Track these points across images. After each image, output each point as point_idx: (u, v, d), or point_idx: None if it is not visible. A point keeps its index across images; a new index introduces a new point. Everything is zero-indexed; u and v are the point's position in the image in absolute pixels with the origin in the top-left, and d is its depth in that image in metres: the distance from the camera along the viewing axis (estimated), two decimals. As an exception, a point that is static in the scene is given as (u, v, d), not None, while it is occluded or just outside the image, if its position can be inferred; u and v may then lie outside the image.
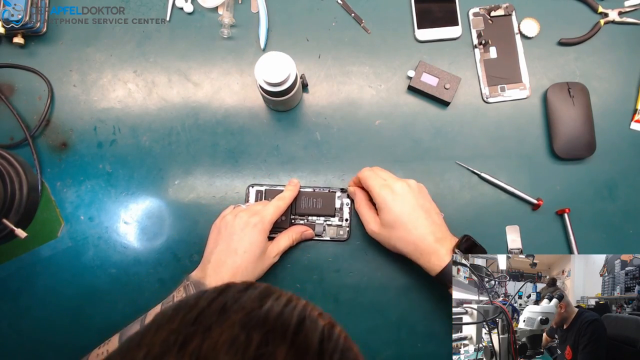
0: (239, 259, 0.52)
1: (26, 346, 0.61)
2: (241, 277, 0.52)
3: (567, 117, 0.63)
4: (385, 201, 0.53)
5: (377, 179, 0.55)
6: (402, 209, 0.52)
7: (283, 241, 0.58)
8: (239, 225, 0.54)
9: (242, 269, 0.52)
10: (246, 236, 0.53)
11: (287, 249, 0.58)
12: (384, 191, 0.53)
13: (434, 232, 0.52)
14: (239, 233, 0.53)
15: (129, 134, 0.65)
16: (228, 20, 0.65)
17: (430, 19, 0.66)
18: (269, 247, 0.56)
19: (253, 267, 0.53)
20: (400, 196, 0.53)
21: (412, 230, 0.52)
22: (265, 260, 0.55)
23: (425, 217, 0.53)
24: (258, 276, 0.55)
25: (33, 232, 0.61)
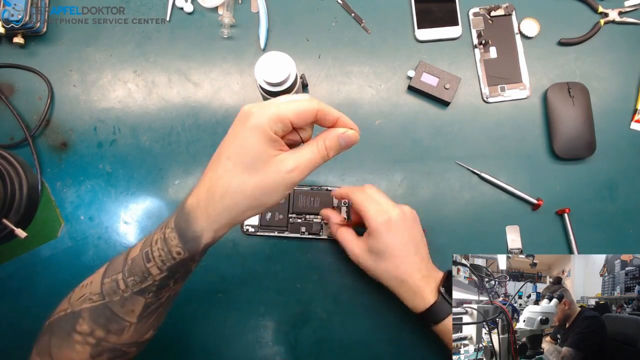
0: (221, 169, 0.37)
1: (26, 346, 0.61)
2: (226, 197, 0.37)
3: (567, 117, 0.63)
4: (379, 230, 0.50)
5: (373, 202, 0.52)
6: (394, 240, 0.50)
7: (307, 150, 0.38)
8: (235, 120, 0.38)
9: (224, 182, 0.37)
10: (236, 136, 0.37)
11: (316, 165, 0.39)
12: (380, 218, 0.50)
13: (421, 270, 0.51)
14: (230, 132, 0.38)
15: (129, 134, 0.65)
16: (228, 20, 0.65)
17: (430, 19, 0.66)
18: (281, 156, 0.37)
19: (243, 179, 0.36)
20: (396, 226, 0.50)
21: (400, 265, 0.50)
22: (271, 172, 0.36)
23: (414, 252, 0.51)
24: (259, 197, 0.37)
25: (33, 232, 0.61)
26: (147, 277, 0.39)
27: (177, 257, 0.39)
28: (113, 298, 0.40)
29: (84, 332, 0.41)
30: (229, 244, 0.63)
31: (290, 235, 0.62)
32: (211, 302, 0.61)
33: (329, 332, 0.61)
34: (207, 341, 0.61)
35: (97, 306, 0.41)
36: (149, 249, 0.40)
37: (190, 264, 0.40)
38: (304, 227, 0.62)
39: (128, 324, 0.41)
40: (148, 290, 0.40)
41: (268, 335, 0.61)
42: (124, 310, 0.41)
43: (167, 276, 0.40)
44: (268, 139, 0.36)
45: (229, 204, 0.37)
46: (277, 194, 0.37)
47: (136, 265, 0.40)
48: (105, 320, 0.41)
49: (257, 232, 0.62)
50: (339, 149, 0.39)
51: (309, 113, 0.37)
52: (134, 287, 0.40)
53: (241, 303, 0.61)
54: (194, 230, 0.38)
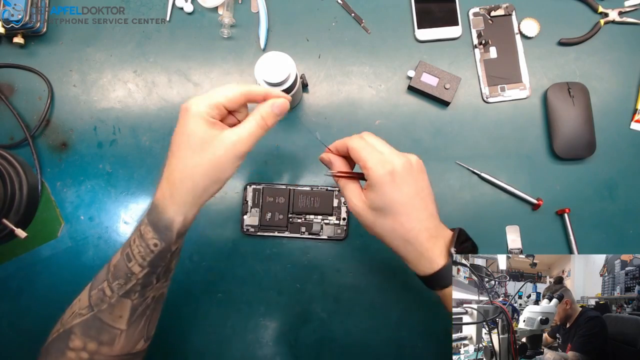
0: (174, 160, 0.41)
1: (26, 346, 0.61)
2: (185, 181, 0.41)
3: (567, 117, 0.63)
4: (381, 181, 0.43)
5: (374, 151, 0.44)
6: (398, 194, 0.43)
7: (246, 122, 0.43)
8: (179, 117, 0.42)
9: (180, 168, 0.41)
10: (181, 128, 0.41)
11: (257, 135, 0.43)
12: (382, 168, 0.43)
13: (429, 228, 0.44)
14: (176, 128, 0.42)
15: (129, 134, 0.65)
16: (228, 20, 0.65)
17: (430, 19, 0.66)
18: (224, 132, 0.41)
19: (195, 160, 0.40)
20: (401, 178, 0.43)
21: (405, 222, 0.43)
22: (218, 148, 0.40)
23: (422, 207, 0.44)
24: (214, 173, 0.41)
25: (33, 232, 0.61)
26: (131, 277, 0.42)
27: (154, 249, 0.42)
28: (101, 307, 0.43)
29: (77, 347, 0.43)
30: (229, 244, 0.63)
31: (290, 235, 0.62)
32: (211, 302, 0.61)
33: (329, 332, 0.61)
34: (207, 341, 0.61)
35: (86, 319, 0.43)
36: (128, 250, 0.43)
37: (168, 255, 0.43)
38: (304, 227, 0.62)
39: (118, 331, 0.43)
40: (133, 291, 0.43)
41: (268, 335, 0.61)
42: (112, 317, 0.43)
43: (149, 272, 0.42)
44: (208, 122, 0.41)
45: (189, 186, 0.41)
46: (229, 166, 0.42)
47: (119, 268, 0.43)
48: (96, 331, 0.43)
49: (257, 232, 0.62)
50: (274, 116, 0.44)
51: (236, 95, 0.42)
52: (120, 290, 0.42)
53: (241, 303, 0.61)
54: (165, 219, 0.41)
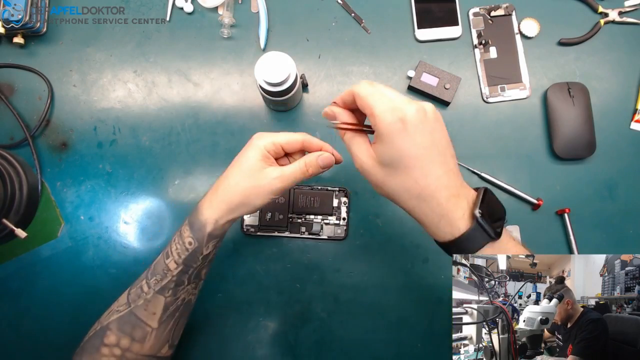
0: (225, 174, 0.47)
1: (26, 346, 0.61)
2: (225, 192, 0.46)
3: (567, 117, 0.63)
4: (390, 130, 0.37)
5: (383, 97, 0.39)
6: (412, 145, 0.37)
7: (291, 165, 0.47)
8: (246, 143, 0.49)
9: (225, 182, 0.47)
10: (242, 152, 0.48)
11: (296, 177, 0.47)
12: (392, 115, 0.37)
13: (448, 186, 0.39)
14: (240, 151, 0.48)
15: (129, 134, 0.65)
16: (228, 20, 0.65)
17: (430, 19, 0.66)
18: (270, 168, 0.47)
19: (238, 180, 0.46)
20: (413, 127, 0.37)
21: (420, 178, 0.38)
22: (260, 178, 0.46)
23: (440, 161, 0.38)
24: (250, 195, 0.46)
25: (33, 232, 0.61)
26: (167, 274, 0.47)
27: (189, 247, 0.46)
28: (138, 302, 0.47)
29: (111, 343, 0.47)
30: (229, 244, 0.63)
31: (290, 235, 0.62)
32: (211, 302, 0.61)
33: (329, 332, 0.61)
34: (207, 341, 0.61)
35: (123, 315, 0.47)
36: (168, 248, 0.48)
37: (199, 257, 0.47)
38: (304, 227, 0.62)
39: (150, 329, 0.47)
40: (167, 288, 0.47)
41: (268, 335, 0.61)
42: (147, 313, 0.47)
43: (183, 270, 0.47)
44: (263, 155, 0.46)
45: (224, 197, 0.46)
46: (263, 196, 0.46)
47: (157, 265, 0.48)
48: (130, 327, 0.47)
49: (257, 232, 0.62)
50: (317, 167, 0.47)
51: (296, 141, 0.48)
52: (156, 286, 0.47)
53: (241, 303, 0.61)
54: (200, 220, 0.46)
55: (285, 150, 0.48)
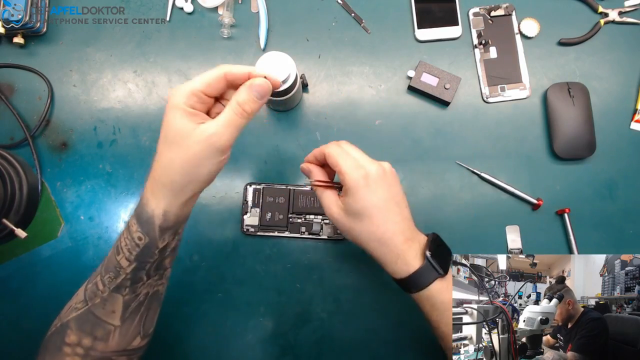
0: (157, 155, 0.40)
1: (26, 346, 0.61)
2: (163, 175, 0.39)
3: (567, 117, 0.63)
4: (356, 187, 0.44)
5: (348, 157, 0.45)
6: (373, 199, 0.44)
7: (223, 112, 0.39)
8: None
9: (158, 163, 0.39)
10: (163, 120, 0.39)
11: (236, 124, 0.39)
12: (356, 174, 0.44)
13: (404, 231, 0.45)
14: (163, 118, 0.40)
15: (129, 134, 0.65)
16: (228, 20, 0.65)
17: (430, 19, 0.66)
18: (201, 126, 0.38)
19: (171, 155, 0.38)
20: (374, 182, 0.44)
21: (381, 225, 0.44)
22: (193, 142, 0.38)
23: (397, 211, 0.45)
24: (191, 169, 0.38)
25: (33, 232, 0.61)
26: (120, 271, 0.42)
27: (139, 242, 0.41)
28: (95, 301, 0.43)
29: (73, 342, 0.43)
30: (229, 244, 0.63)
31: (290, 235, 0.62)
32: (211, 302, 0.61)
33: (329, 332, 0.61)
34: (207, 341, 0.61)
35: (81, 313, 0.44)
36: (118, 242, 0.43)
37: (155, 251, 0.42)
38: (304, 227, 0.62)
39: (112, 327, 0.44)
40: (123, 286, 0.42)
41: (268, 335, 0.61)
42: (105, 311, 0.43)
43: (137, 267, 0.42)
44: (186, 114, 0.38)
45: (166, 181, 0.39)
46: (206, 162, 0.39)
47: (110, 261, 0.43)
48: (90, 326, 0.43)
49: (257, 232, 0.62)
50: (254, 102, 0.40)
51: (216, 78, 0.39)
52: (111, 285, 0.42)
53: (241, 303, 0.61)
54: (146, 212, 0.40)
55: (210, 95, 0.40)
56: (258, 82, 0.40)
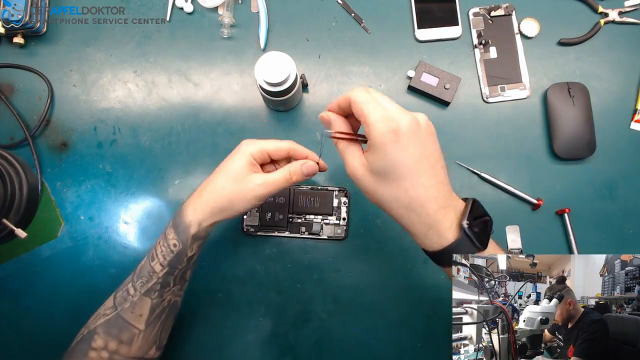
0: (211, 178, 0.49)
1: (26, 346, 0.61)
2: (210, 195, 0.48)
3: (567, 117, 0.63)
4: (383, 140, 0.38)
5: (377, 106, 0.40)
6: (403, 156, 0.38)
7: (275, 172, 0.49)
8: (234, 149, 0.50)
9: (211, 185, 0.48)
10: (228, 158, 0.49)
11: (280, 185, 0.48)
12: (385, 125, 0.38)
13: (437, 197, 0.39)
14: (227, 156, 0.50)
15: (129, 134, 0.65)
16: (228, 20, 0.65)
17: (430, 19, 0.66)
18: (255, 174, 0.48)
19: (224, 184, 0.47)
20: (406, 137, 0.38)
21: (410, 189, 0.39)
22: (245, 183, 0.47)
23: (431, 173, 0.39)
24: (234, 200, 0.47)
25: (33, 232, 0.61)
26: (152, 276, 0.47)
27: (174, 249, 0.47)
28: (124, 305, 0.48)
29: (99, 347, 0.47)
30: (229, 244, 0.63)
31: (290, 235, 0.62)
32: (211, 302, 0.61)
33: (329, 332, 0.61)
34: (207, 341, 0.61)
35: (110, 319, 0.48)
36: (153, 251, 0.48)
37: (184, 258, 0.48)
38: (304, 227, 0.62)
39: (137, 331, 0.48)
40: (153, 290, 0.48)
41: (268, 335, 0.61)
42: (133, 315, 0.48)
43: (168, 272, 0.48)
44: (249, 162, 0.48)
45: (209, 200, 0.47)
46: (247, 201, 0.47)
47: (143, 268, 0.49)
48: (117, 330, 0.47)
49: (257, 232, 0.62)
50: (301, 174, 0.49)
51: (282, 149, 0.49)
52: (142, 289, 0.48)
53: (241, 303, 0.61)
54: (184, 222, 0.47)
55: (271, 157, 0.50)
56: (310, 164, 0.49)
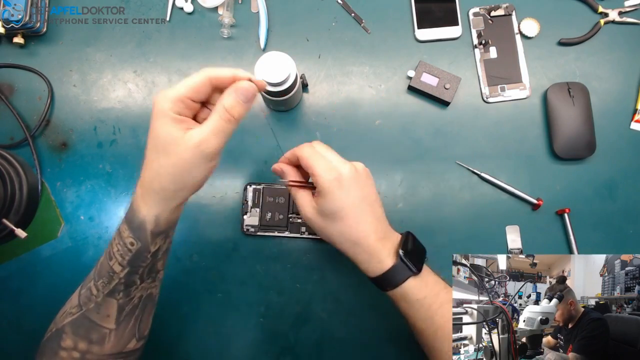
0: (146, 161, 0.40)
1: (26, 346, 0.61)
2: (153, 181, 0.39)
3: (567, 117, 0.63)
4: (329, 188, 0.44)
5: (321, 159, 0.46)
6: (346, 200, 0.45)
7: (209, 119, 0.38)
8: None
9: (148, 170, 0.39)
10: (150, 127, 0.39)
11: (224, 130, 0.38)
12: (329, 176, 0.45)
13: (376, 231, 0.46)
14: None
15: (129, 134, 0.65)
16: (228, 20, 0.65)
17: (430, 19, 0.66)
18: (188, 133, 0.38)
19: (160, 162, 0.38)
20: (347, 183, 0.45)
21: (354, 226, 0.45)
22: (183, 150, 0.37)
23: (369, 211, 0.46)
24: (181, 176, 0.39)
25: (33, 232, 0.61)
26: (113, 276, 0.42)
27: (131, 248, 0.41)
28: (89, 306, 0.43)
29: (68, 347, 0.44)
30: (229, 244, 0.63)
31: (290, 235, 0.62)
32: (211, 302, 0.61)
33: (329, 332, 0.61)
34: (207, 341, 0.61)
35: (76, 318, 0.44)
36: (109, 248, 0.43)
37: (147, 255, 0.42)
38: (304, 227, 0.62)
39: (107, 330, 0.44)
40: (117, 290, 0.43)
41: (268, 335, 0.61)
42: (100, 316, 0.43)
43: (130, 271, 0.42)
44: (172, 120, 0.38)
45: (156, 188, 0.39)
46: (196, 169, 0.39)
47: (102, 266, 0.43)
48: (85, 330, 0.43)
49: (257, 232, 0.62)
50: (241, 106, 0.39)
51: (200, 83, 0.39)
52: (104, 289, 0.43)
53: (241, 303, 0.61)
54: (138, 217, 0.40)
55: (196, 100, 0.40)
56: (243, 84, 0.39)
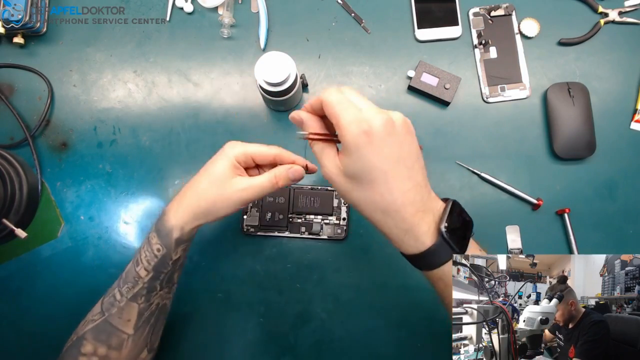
0: (193, 181, 0.48)
1: (26, 346, 0.61)
2: (192, 199, 0.47)
3: (567, 117, 0.63)
4: (356, 143, 0.36)
5: (350, 107, 0.37)
6: (377, 159, 0.36)
7: (260, 177, 0.47)
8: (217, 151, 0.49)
9: (193, 189, 0.48)
10: (211, 161, 0.48)
11: (265, 190, 0.47)
12: (357, 127, 0.36)
13: (414, 202, 0.37)
14: (210, 159, 0.49)
15: (129, 134, 0.65)
16: (228, 20, 0.65)
17: (430, 19, 0.66)
18: (239, 178, 0.47)
19: (206, 187, 0.47)
20: (380, 139, 0.36)
21: (385, 193, 0.37)
22: (228, 187, 0.46)
23: (407, 176, 0.37)
24: (217, 203, 0.47)
25: (33, 232, 0.61)
26: (138, 281, 0.47)
27: (158, 254, 0.47)
28: (112, 311, 0.48)
29: (88, 352, 0.47)
30: (229, 244, 0.63)
31: (290, 235, 0.62)
32: (211, 302, 0.61)
33: (329, 332, 0.61)
34: (207, 341, 0.61)
35: (98, 324, 0.48)
36: (138, 256, 0.48)
37: (169, 262, 0.48)
38: (304, 227, 0.62)
39: (126, 336, 0.48)
40: (140, 294, 0.48)
41: (268, 335, 0.61)
42: (121, 320, 0.47)
43: (154, 276, 0.48)
44: (232, 165, 0.47)
45: (193, 205, 0.47)
46: (230, 205, 0.47)
47: (128, 273, 0.48)
48: (106, 335, 0.47)
49: (257, 232, 0.62)
50: (287, 179, 0.47)
51: (268, 153, 0.48)
52: (128, 294, 0.47)
53: (241, 303, 0.61)
54: (166, 227, 0.47)
55: (256, 162, 0.49)
56: (297, 168, 0.47)
